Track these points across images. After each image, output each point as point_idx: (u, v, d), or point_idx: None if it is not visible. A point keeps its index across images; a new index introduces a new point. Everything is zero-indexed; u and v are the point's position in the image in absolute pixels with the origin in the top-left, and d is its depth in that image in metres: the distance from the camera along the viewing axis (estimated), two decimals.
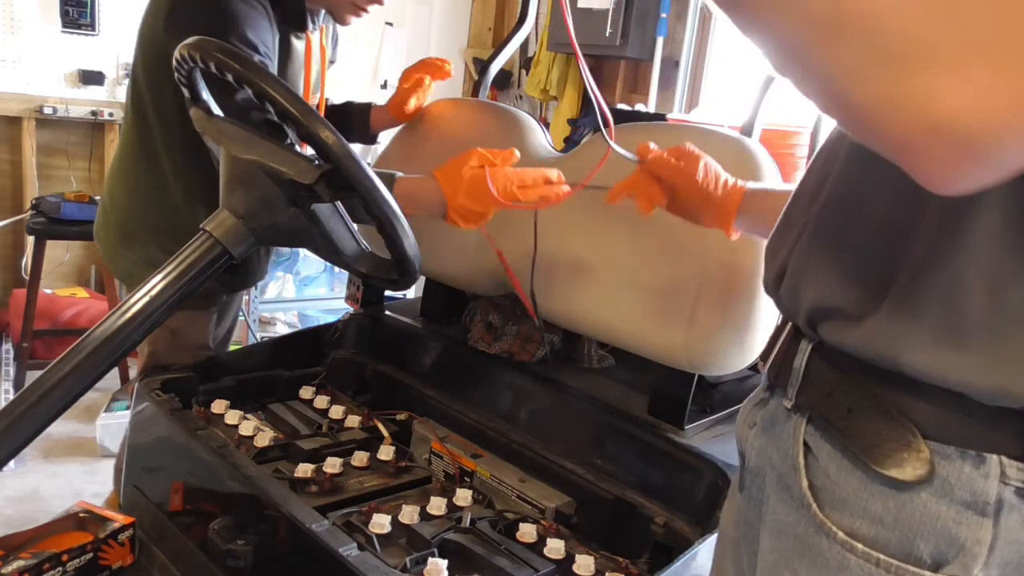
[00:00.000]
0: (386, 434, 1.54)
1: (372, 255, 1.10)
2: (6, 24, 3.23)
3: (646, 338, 1.34)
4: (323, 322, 2.01)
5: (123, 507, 1.53)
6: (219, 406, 1.51)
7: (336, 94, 1.86)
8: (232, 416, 1.48)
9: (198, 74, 1.07)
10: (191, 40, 1.00)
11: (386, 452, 1.45)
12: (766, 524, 0.75)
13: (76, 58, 3.39)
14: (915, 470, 0.62)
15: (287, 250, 3.39)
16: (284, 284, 3.55)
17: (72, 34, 3.34)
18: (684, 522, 1.22)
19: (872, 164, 0.60)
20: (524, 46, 4.05)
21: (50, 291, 3.36)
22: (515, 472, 1.40)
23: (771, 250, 0.80)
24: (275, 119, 1.01)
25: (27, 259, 3.36)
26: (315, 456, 1.41)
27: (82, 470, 2.66)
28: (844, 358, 0.67)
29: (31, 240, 3.08)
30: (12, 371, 3.05)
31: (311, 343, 1.81)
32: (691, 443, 1.31)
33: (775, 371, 0.77)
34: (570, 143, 3.61)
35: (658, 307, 1.30)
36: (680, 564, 1.06)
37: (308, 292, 3.64)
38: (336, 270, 3.56)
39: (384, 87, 4.24)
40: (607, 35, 3.44)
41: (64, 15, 3.29)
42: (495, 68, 1.86)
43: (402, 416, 1.59)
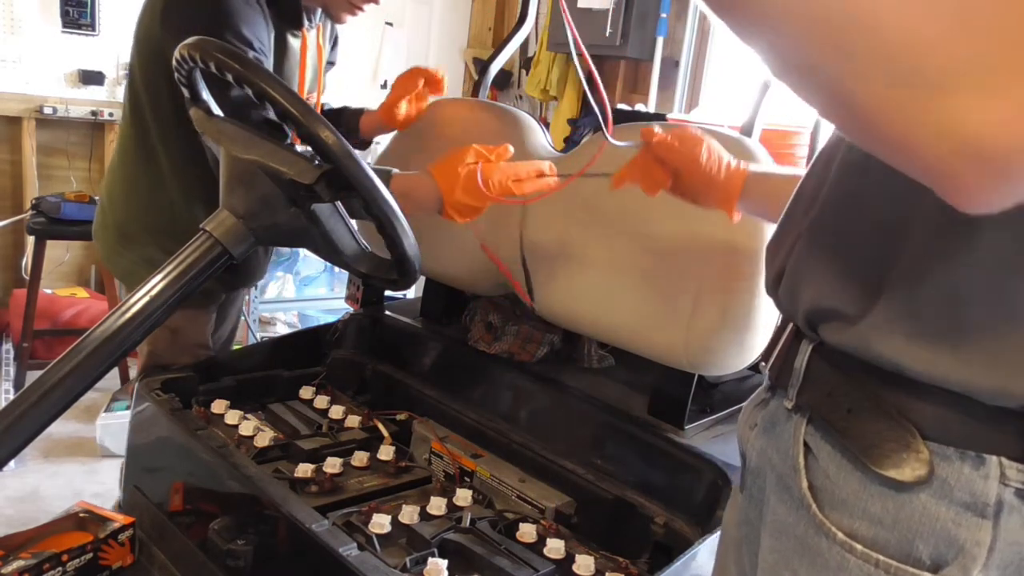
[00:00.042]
0: (386, 434, 1.54)
1: (372, 255, 1.10)
2: (6, 24, 3.23)
3: (646, 338, 1.34)
4: (323, 322, 2.01)
5: (123, 507, 1.53)
6: (219, 406, 1.51)
7: (336, 94, 1.85)
8: (232, 416, 1.48)
9: (198, 74, 1.07)
10: (191, 40, 1.00)
11: (386, 452, 1.45)
12: (766, 524, 0.75)
13: (76, 58, 3.39)
14: (914, 471, 0.62)
15: (287, 250, 3.39)
16: (284, 284, 3.55)
17: (72, 34, 3.34)
18: (684, 522, 1.22)
19: (869, 166, 0.60)
20: (524, 46, 4.05)
21: (50, 291, 3.36)
22: (515, 472, 1.40)
23: (771, 251, 0.80)
24: (274, 118, 1.01)
25: (27, 259, 3.36)
26: (315, 456, 1.41)
27: (82, 470, 2.66)
28: (844, 359, 0.67)
29: (31, 240, 3.08)
30: (12, 371, 3.05)
31: (311, 343, 1.81)
32: (691, 443, 1.31)
33: (776, 372, 0.77)
34: (570, 143, 3.61)
35: (658, 307, 1.30)
36: (680, 564, 1.06)
37: (308, 292, 3.64)
38: (336, 270, 3.56)
39: (384, 87, 4.24)
40: (607, 35, 3.44)
41: (64, 15, 3.29)
42: (495, 68, 1.86)
43: (402, 416, 1.59)
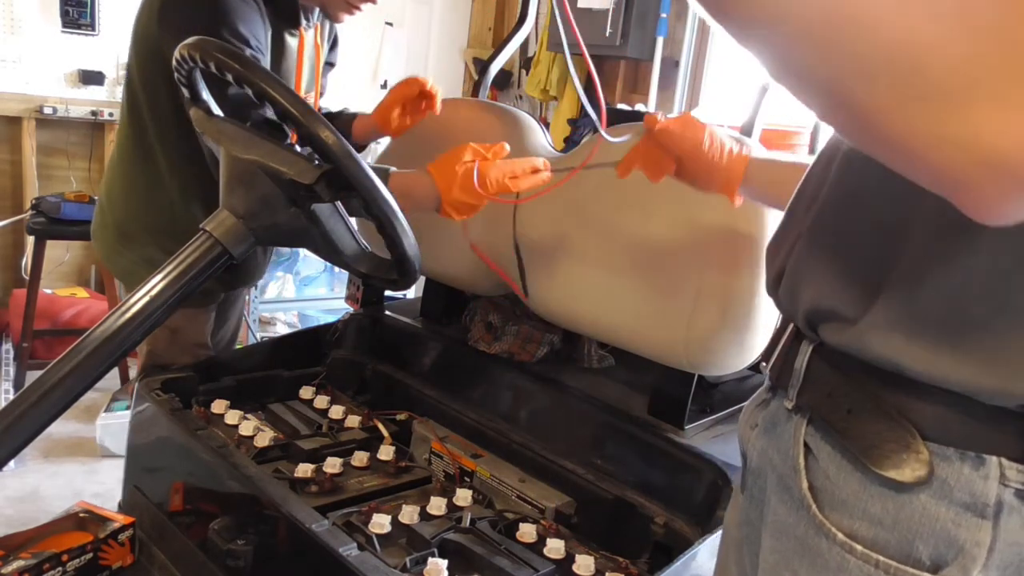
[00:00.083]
0: (386, 434, 1.54)
1: (372, 255, 1.10)
2: (6, 24, 3.23)
3: (646, 338, 1.34)
4: (323, 322, 2.01)
5: (123, 507, 1.53)
6: (219, 406, 1.51)
7: (336, 94, 1.85)
8: (232, 416, 1.48)
9: (198, 74, 1.07)
10: (191, 40, 1.00)
11: (386, 452, 1.45)
12: (767, 525, 0.75)
13: (76, 58, 3.39)
14: (914, 471, 0.62)
15: (287, 250, 3.39)
16: (284, 284, 3.55)
17: (72, 34, 3.34)
18: (684, 522, 1.22)
19: (868, 167, 0.59)
20: (524, 46, 4.05)
21: (50, 291, 3.36)
22: (515, 472, 1.40)
23: (771, 251, 0.80)
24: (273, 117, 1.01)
25: (27, 259, 3.36)
26: (315, 456, 1.41)
27: (82, 470, 2.66)
28: (845, 359, 0.67)
29: (31, 240, 3.08)
30: (12, 371, 3.05)
31: (311, 343, 1.81)
32: (691, 443, 1.31)
33: (776, 372, 0.77)
34: (570, 143, 3.61)
35: (658, 307, 1.30)
36: (680, 564, 1.06)
37: (308, 292, 3.64)
38: (336, 270, 3.56)
39: (384, 87, 4.24)
40: (607, 35, 3.44)
41: (64, 15, 3.29)
42: (495, 68, 1.86)
43: (402, 416, 1.59)
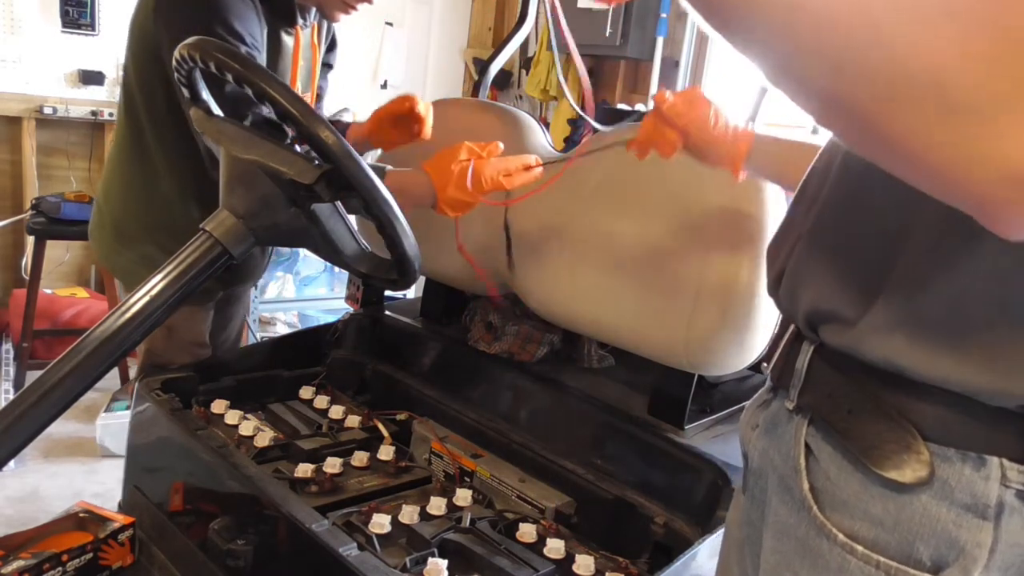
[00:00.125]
0: (386, 434, 1.54)
1: (372, 255, 1.10)
2: (6, 24, 3.23)
3: (646, 338, 1.34)
4: (323, 322, 2.01)
5: (123, 507, 1.53)
6: (219, 406, 1.51)
7: (336, 94, 1.85)
8: (232, 416, 1.48)
9: (198, 74, 1.07)
10: (191, 40, 1.00)
11: (386, 452, 1.45)
12: (768, 525, 0.75)
13: (76, 58, 3.39)
14: (915, 472, 0.62)
15: (287, 250, 3.39)
16: (284, 284, 3.55)
17: (72, 34, 3.34)
18: (684, 522, 1.22)
19: (868, 170, 0.59)
20: (524, 46, 4.05)
21: (50, 291, 3.36)
22: (515, 472, 1.40)
23: (772, 252, 0.80)
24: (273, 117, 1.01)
25: (27, 259, 3.36)
26: (315, 456, 1.41)
27: (82, 470, 2.66)
28: (845, 360, 0.67)
29: (31, 240, 3.08)
30: (12, 371, 3.05)
31: (311, 343, 1.81)
32: (691, 443, 1.31)
33: (777, 373, 0.77)
34: (570, 143, 3.61)
35: (658, 307, 1.30)
36: (680, 564, 1.06)
37: (308, 292, 3.64)
38: (336, 270, 3.56)
39: (384, 87, 4.24)
40: (607, 35, 3.45)
41: (64, 15, 3.29)
42: (495, 68, 1.86)
43: (402, 416, 1.59)
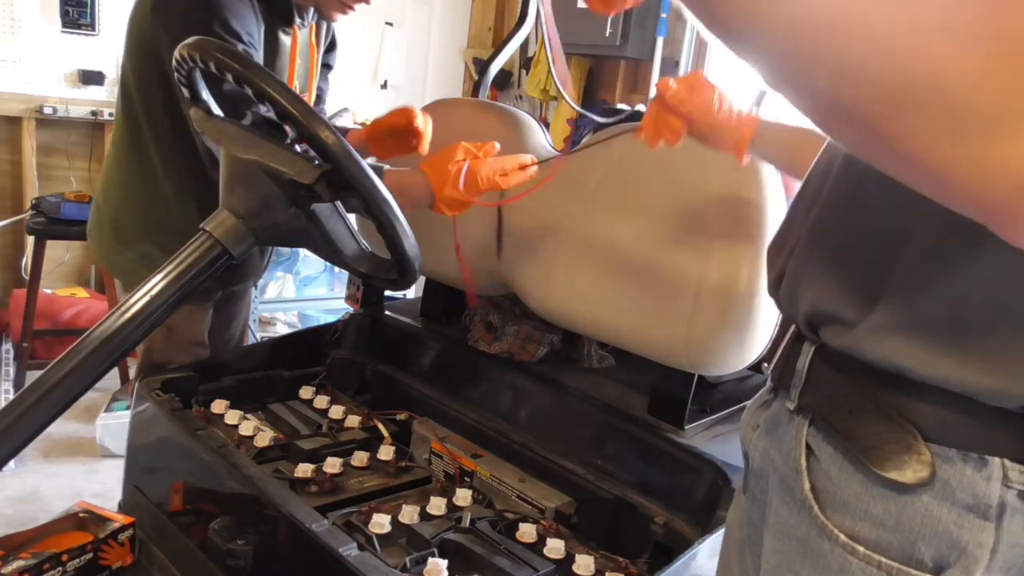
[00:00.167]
0: (386, 434, 1.54)
1: (372, 255, 1.10)
2: (6, 24, 3.23)
3: (646, 338, 1.34)
4: (323, 322, 2.01)
5: (123, 507, 1.53)
6: (219, 406, 1.51)
7: (336, 94, 1.85)
8: (232, 416, 1.48)
9: (198, 74, 1.07)
10: (190, 40, 1.00)
11: (386, 452, 1.44)
12: (769, 526, 0.75)
13: (76, 58, 3.39)
14: (916, 473, 0.62)
15: (287, 250, 3.39)
16: (284, 284, 3.55)
17: (72, 34, 3.34)
18: (684, 522, 1.22)
19: (868, 171, 0.59)
20: (524, 46, 4.05)
21: (50, 291, 3.35)
22: (515, 472, 1.40)
23: (772, 252, 0.80)
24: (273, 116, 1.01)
25: (27, 259, 3.36)
26: (315, 456, 1.41)
27: (82, 470, 2.65)
28: (846, 360, 0.67)
29: (31, 240, 3.08)
30: (12, 371, 3.05)
31: (311, 343, 1.81)
32: (691, 443, 1.31)
33: (778, 373, 0.77)
34: (570, 143, 3.61)
35: (658, 307, 1.30)
36: (680, 564, 1.06)
37: (308, 292, 3.64)
38: (336, 270, 3.56)
39: (384, 87, 4.24)
40: (607, 35, 3.44)
41: (64, 15, 3.29)
42: (495, 68, 1.86)
43: (402, 416, 1.59)
